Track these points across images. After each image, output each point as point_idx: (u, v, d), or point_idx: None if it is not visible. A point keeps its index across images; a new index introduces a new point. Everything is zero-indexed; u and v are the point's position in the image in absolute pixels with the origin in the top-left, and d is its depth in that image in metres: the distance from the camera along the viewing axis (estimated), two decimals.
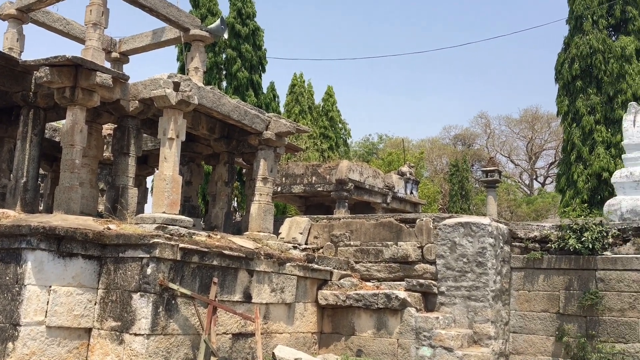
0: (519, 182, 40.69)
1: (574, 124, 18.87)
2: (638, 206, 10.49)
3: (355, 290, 9.87)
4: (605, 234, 9.38)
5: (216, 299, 7.74)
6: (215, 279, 7.79)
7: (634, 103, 12.05)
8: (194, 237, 8.18)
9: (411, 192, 18.95)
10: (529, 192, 39.26)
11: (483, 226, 9.52)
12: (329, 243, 11.21)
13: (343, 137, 29.42)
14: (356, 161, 18.78)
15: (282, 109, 24.43)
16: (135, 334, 7.12)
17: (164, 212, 8.34)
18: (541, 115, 39.60)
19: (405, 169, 19.17)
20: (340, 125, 28.94)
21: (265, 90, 21.68)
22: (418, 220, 10.47)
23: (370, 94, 64.82)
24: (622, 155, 11.64)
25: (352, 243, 10.98)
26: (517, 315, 9.81)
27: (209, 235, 8.67)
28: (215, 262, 7.95)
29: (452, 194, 31.51)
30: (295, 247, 10.61)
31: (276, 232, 11.26)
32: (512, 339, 9.73)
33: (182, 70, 16.85)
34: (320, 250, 11.16)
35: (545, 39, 60.72)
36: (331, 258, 10.58)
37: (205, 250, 7.82)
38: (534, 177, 41.26)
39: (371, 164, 26.01)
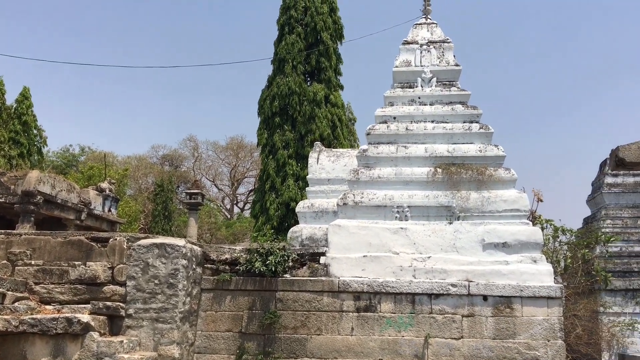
0: (221, 206, 42.31)
1: (271, 156, 20.54)
2: (316, 234, 11.84)
3: (32, 314, 8.92)
4: (286, 258, 10.30)
5: None
6: None
7: (318, 143, 13.69)
8: None
9: (109, 210, 18.11)
10: (229, 216, 41.07)
11: (178, 248, 9.60)
12: (5, 261, 9.95)
13: (38, 144, 26.73)
14: (49, 172, 17.20)
15: None
16: None
17: None
18: (245, 144, 42.15)
19: (105, 185, 18.28)
20: (35, 132, 26.25)
21: None
22: (111, 239, 10.05)
23: (75, 102, 60.45)
24: (307, 188, 13.03)
25: (33, 262, 9.94)
26: (203, 336, 10.08)
27: None
28: None
29: (155, 214, 31.09)
30: None
31: None
32: None
33: None
34: None
35: (255, 74, 65.09)
36: (6, 279, 9.40)
37: None
38: (235, 202, 43.43)
39: (69, 177, 24.15)
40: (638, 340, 14.85)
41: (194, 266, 9.99)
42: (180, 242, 9.82)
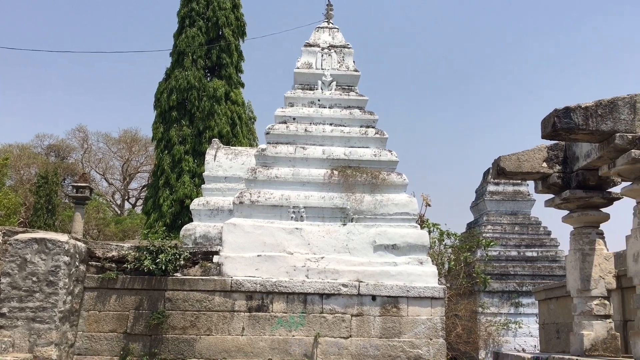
0: (110, 201, 40.46)
1: (166, 151, 19.94)
2: (210, 232, 11.61)
3: None
4: (178, 257, 10.03)
5: None
6: None
7: (217, 140, 13.45)
8: None
9: None
10: (119, 212, 39.38)
11: (59, 243, 9.06)
12: None
13: None
14: None
15: None
16: None
17: None
18: (140, 138, 40.54)
19: None
20: None
21: None
22: None
23: None
24: (203, 186, 12.77)
25: None
26: (85, 337, 9.58)
27: None
28: None
29: (37, 207, 29.16)
30: None
31: None
32: None
33: None
34: None
35: (152, 65, 62.93)
36: None
37: None
38: (127, 197, 41.70)
39: None
40: (512, 339, 15.97)
41: (77, 263, 9.47)
42: (62, 237, 9.29)
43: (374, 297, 10.03)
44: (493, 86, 64.41)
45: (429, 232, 13.74)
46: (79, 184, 21.19)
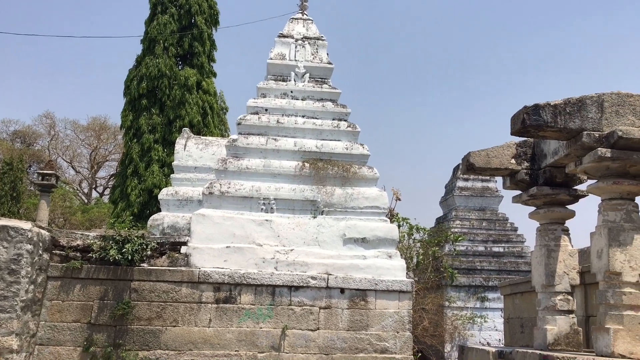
0: (77, 189, 39.73)
1: (135, 140, 19.64)
2: (178, 222, 11.48)
3: None
4: (145, 247, 9.87)
5: None
6: None
7: (187, 129, 13.29)
8: None
9: None
10: (86, 200, 38.70)
11: (23, 231, 8.83)
12: None
13: None
14: None
15: None
16: None
17: None
18: (109, 126, 39.87)
19: None
20: None
21: None
22: None
23: None
24: (172, 175, 12.61)
25: None
26: (47, 327, 9.37)
27: None
28: None
29: (1, 194, 28.49)
30: None
31: None
32: (38, 352, 9.22)
33: None
34: None
35: (122, 52, 61.78)
36: None
37: None
38: (94, 186, 41.00)
39: None
40: (477, 333, 16.20)
41: (40, 252, 9.25)
42: (25, 225, 9.05)
43: (342, 290, 10.04)
44: (465, 81, 65.09)
45: (399, 226, 13.83)
46: (45, 172, 20.73)
